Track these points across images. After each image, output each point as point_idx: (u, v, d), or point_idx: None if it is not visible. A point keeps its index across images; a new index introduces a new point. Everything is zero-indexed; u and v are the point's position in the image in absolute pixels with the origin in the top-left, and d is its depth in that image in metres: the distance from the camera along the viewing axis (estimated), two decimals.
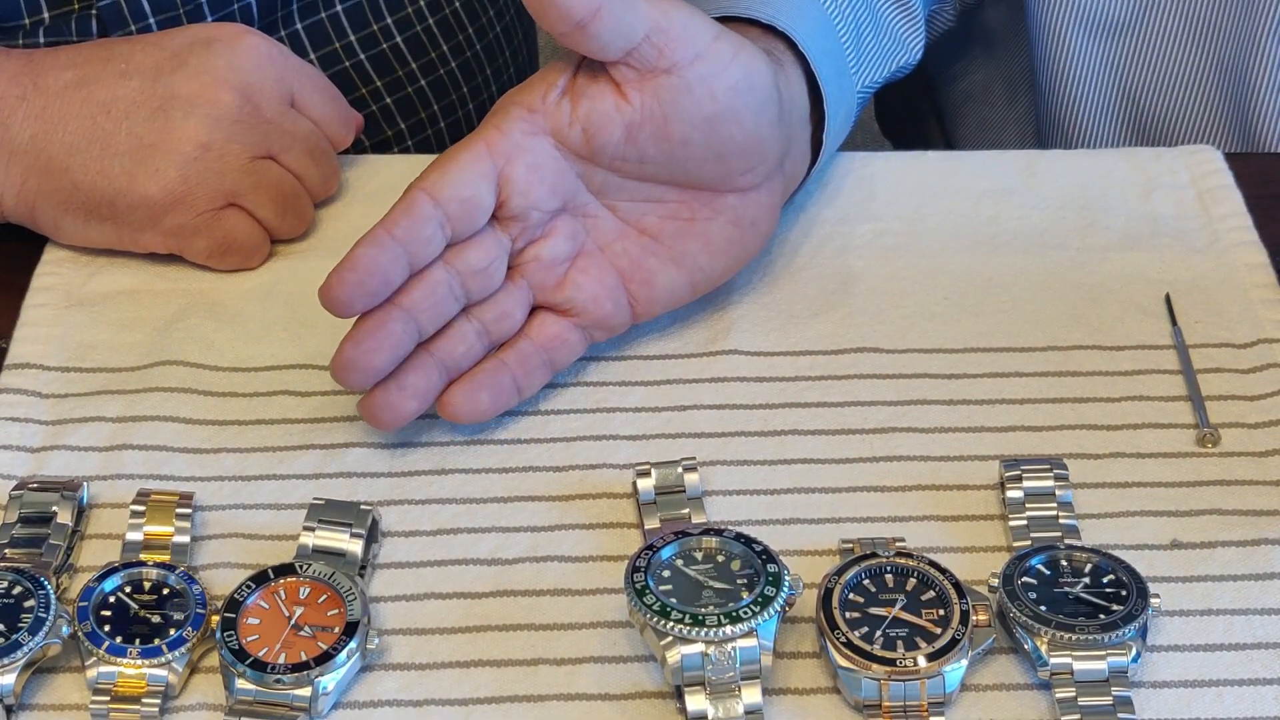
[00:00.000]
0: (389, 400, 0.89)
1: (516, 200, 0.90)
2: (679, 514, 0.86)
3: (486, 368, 0.91)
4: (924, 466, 0.90)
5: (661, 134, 0.90)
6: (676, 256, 0.94)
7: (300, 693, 0.79)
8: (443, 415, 0.90)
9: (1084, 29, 1.20)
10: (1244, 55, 1.16)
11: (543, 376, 0.93)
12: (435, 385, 0.90)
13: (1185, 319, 0.98)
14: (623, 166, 0.91)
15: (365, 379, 0.88)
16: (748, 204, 0.94)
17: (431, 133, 1.27)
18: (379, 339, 0.88)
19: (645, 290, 0.94)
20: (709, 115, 0.90)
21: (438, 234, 0.88)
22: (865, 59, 1.05)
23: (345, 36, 1.21)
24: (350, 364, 0.88)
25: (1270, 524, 0.87)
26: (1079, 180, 1.06)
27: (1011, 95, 1.30)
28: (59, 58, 1.00)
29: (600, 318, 0.93)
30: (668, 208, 0.93)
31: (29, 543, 0.84)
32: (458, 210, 0.88)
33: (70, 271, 1.01)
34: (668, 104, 0.90)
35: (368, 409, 0.89)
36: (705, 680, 0.78)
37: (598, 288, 0.93)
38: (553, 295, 0.92)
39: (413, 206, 0.87)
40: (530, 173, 0.90)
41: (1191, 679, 0.81)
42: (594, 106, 0.90)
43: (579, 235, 0.92)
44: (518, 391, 0.92)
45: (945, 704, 0.79)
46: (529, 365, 0.92)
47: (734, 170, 0.93)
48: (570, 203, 0.92)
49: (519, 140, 0.89)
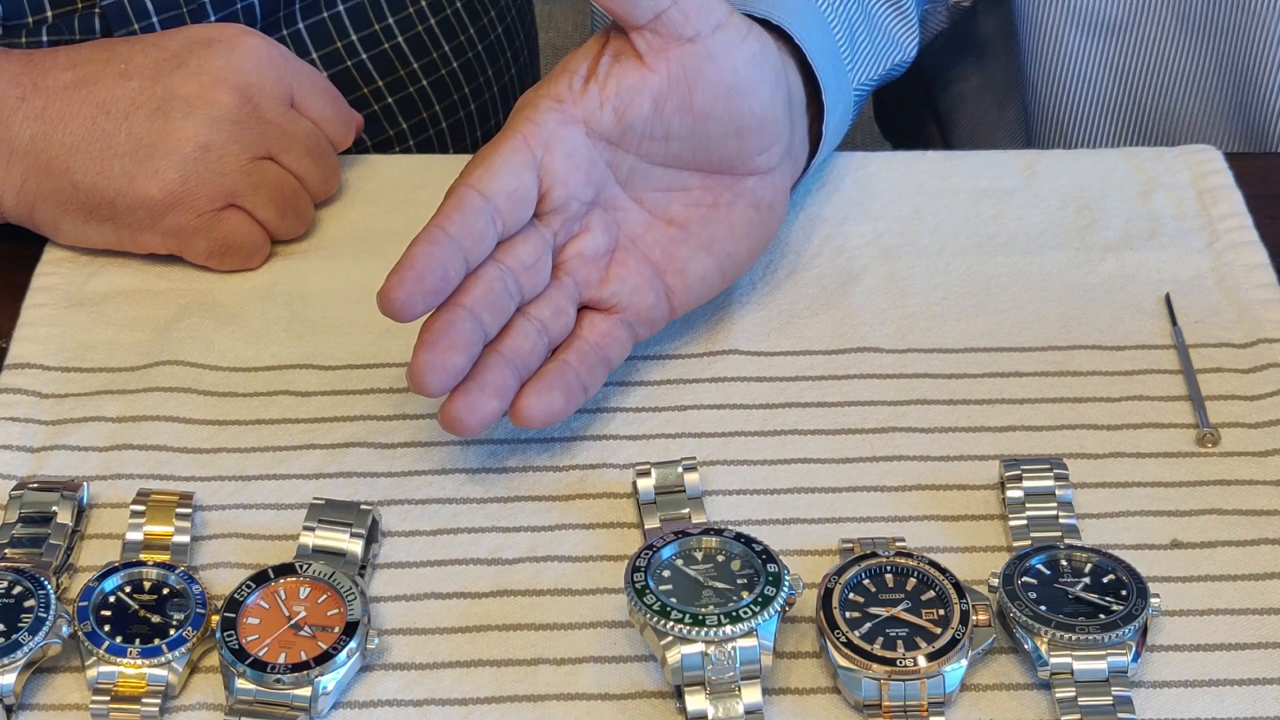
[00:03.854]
0: (470, 402, 0.86)
1: (558, 191, 0.90)
2: (679, 514, 0.86)
3: (552, 369, 0.89)
4: (924, 466, 0.90)
5: (686, 105, 0.91)
6: (705, 243, 0.94)
7: (300, 693, 0.79)
8: (516, 421, 0.88)
9: (1082, 28, 1.20)
10: (1245, 54, 1.16)
11: (603, 374, 0.91)
12: (510, 383, 0.87)
13: (1185, 319, 0.98)
14: (649, 147, 0.92)
15: (446, 381, 0.86)
16: (764, 187, 0.94)
17: (433, 133, 1.27)
18: (451, 338, 0.86)
19: (680, 280, 0.93)
20: (730, 86, 0.91)
21: (490, 229, 0.87)
22: (859, 56, 1.06)
23: (347, 36, 1.21)
24: (429, 367, 0.85)
25: (1270, 524, 0.87)
26: (1078, 180, 1.06)
27: (1002, 101, 1.31)
28: (59, 58, 1.00)
29: (644, 311, 0.93)
30: (691, 195, 0.94)
31: (29, 543, 0.84)
32: (506, 204, 0.88)
33: (70, 271, 1.01)
34: (691, 73, 0.90)
35: (449, 414, 0.86)
36: (705, 680, 0.78)
37: (638, 279, 0.92)
38: (597, 292, 0.92)
39: (464, 202, 0.87)
40: (568, 161, 0.90)
41: (1191, 679, 0.81)
42: (621, 83, 0.90)
43: (612, 229, 0.92)
44: (584, 389, 0.90)
45: (945, 704, 0.79)
46: (590, 362, 0.90)
47: (752, 149, 0.93)
48: (601, 195, 0.92)
49: (554, 130, 0.89)
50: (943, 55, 1.33)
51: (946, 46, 1.31)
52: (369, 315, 0.96)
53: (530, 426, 0.88)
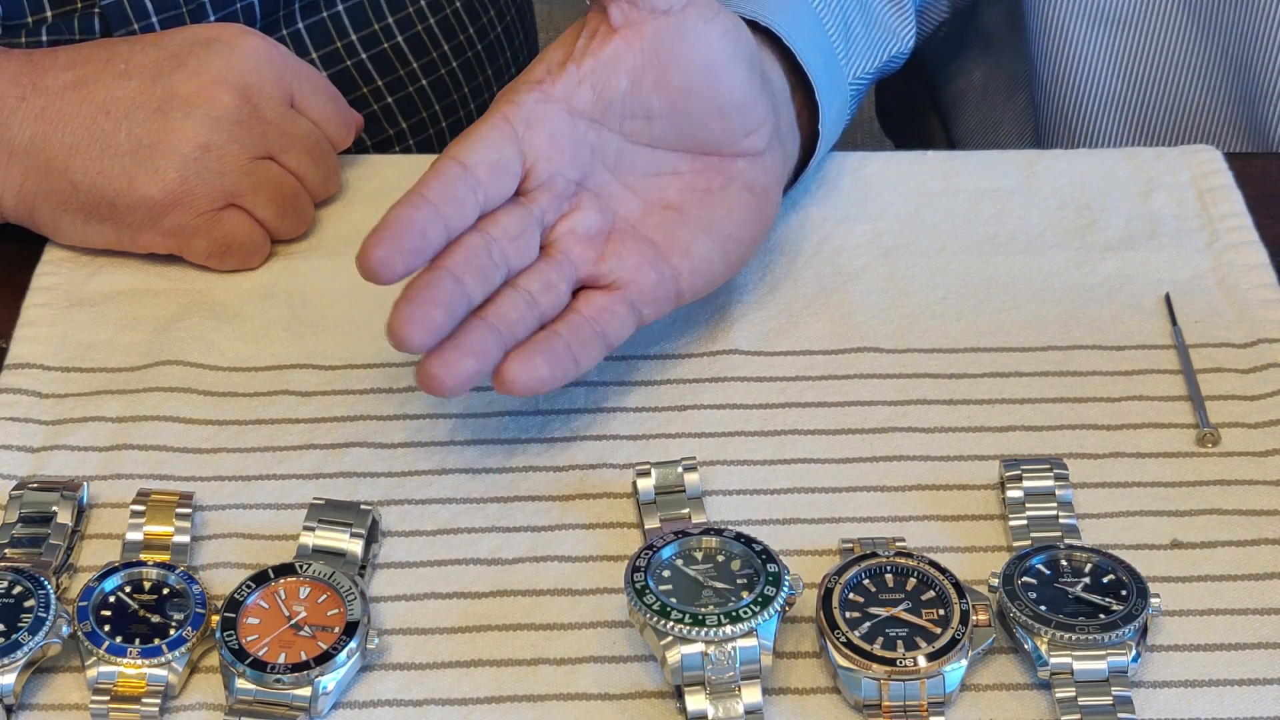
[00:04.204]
0: (447, 360, 0.85)
1: (542, 166, 0.90)
2: (679, 514, 0.86)
3: (540, 336, 0.88)
4: (924, 466, 0.90)
5: (663, 82, 0.91)
6: (705, 225, 0.94)
7: (300, 692, 0.79)
8: (499, 389, 0.87)
9: (1089, 22, 1.20)
10: (1250, 50, 1.16)
11: (598, 349, 0.90)
12: (492, 348, 0.86)
13: (1185, 319, 0.98)
14: (632, 126, 0.92)
15: (424, 336, 0.84)
16: (757, 170, 0.95)
17: (433, 132, 1.27)
18: (431, 294, 0.85)
19: (686, 261, 0.93)
20: (706, 62, 0.91)
21: (470, 197, 0.87)
22: (855, 49, 1.07)
23: (346, 36, 1.21)
24: (407, 319, 0.84)
25: (1270, 524, 0.87)
26: (1079, 180, 1.06)
27: (1010, 92, 1.31)
28: (59, 58, 1.00)
29: (646, 288, 0.92)
30: (683, 179, 0.94)
31: (29, 543, 0.84)
32: (487, 174, 0.88)
33: (70, 271, 1.01)
34: (665, 48, 0.91)
35: (425, 372, 0.85)
36: (705, 680, 0.78)
37: (638, 257, 0.92)
38: (595, 269, 0.91)
39: (442, 170, 0.87)
40: (550, 138, 0.90)
41: (1191, 679, 0.81)
42: (598, 60, 0.91)
43: (608, 212, 0.92)
44: (575, 361, 0.89)
45: (945, 704, 0.79)
46: (582, 335, 0.89)
47: (736, 130, 0.93)
48: (590, 179, 0.92)
49: (534, 109, 0.90)
50: (946, 49, 1.33)
51: (950, 41, 1.31)
52: (369, 315, 0.96)
53: (514, 393, 0.87)
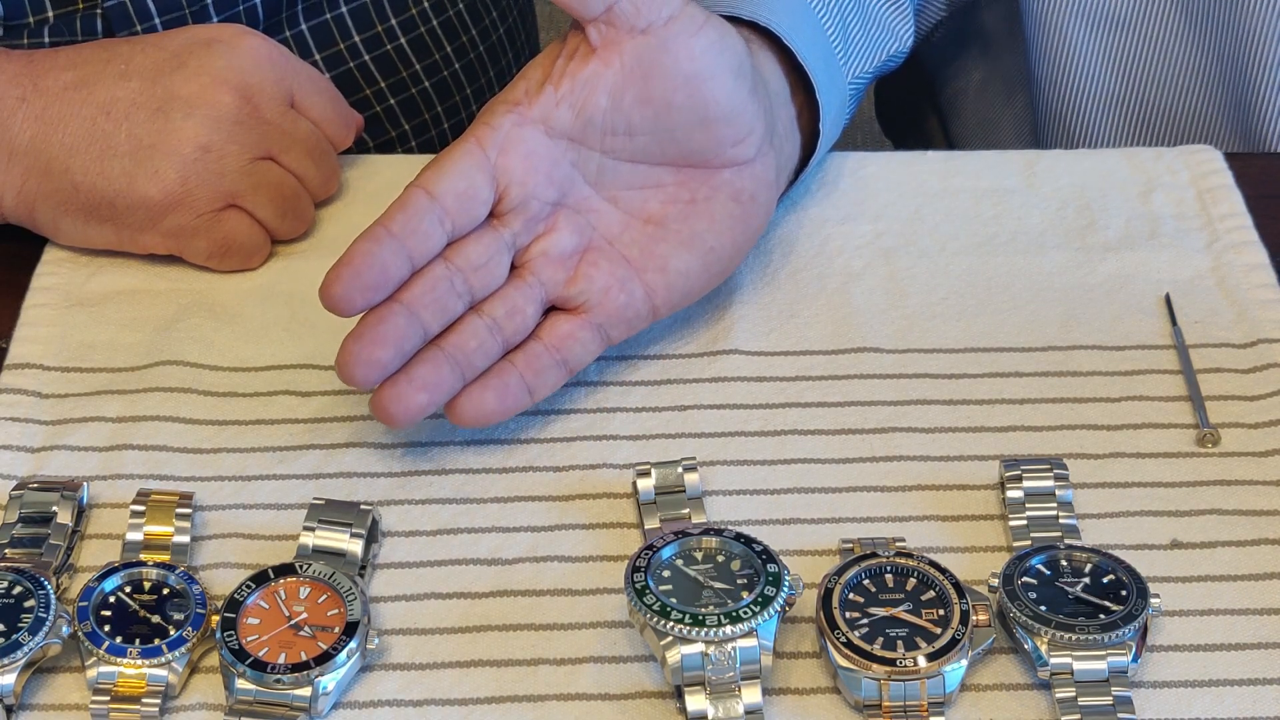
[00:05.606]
0: (398, 393, 0.87)
1: (515, 190, 0.90)
2: (679, 514, 0.86)
3: (493, 370, 0.90)
4: (924, 466, 0.90)
5: (644, 97, 0.91)
6: (685, 239, 0.94)
7: (300, 693, 0.79)
8: (451, 420, 0.89)
9: (1086, 23, 1.20)
10: (1244, 52, 1.16)
11: (556, 377, 0.92)
12: (446, 379, 0.88)
13: (1185, 319, 0.98)
14: (614, 143, 0.92)
15: (369, 374, 0.87)
16: (744, 178, 0.94)
17: (435, 134, 1.27)
18: (380, 332, 0.87)
19: (660, 278, 0.93)
20: (688, 75, 0.91)
21: (436, 228, 0.88)
22: (853, 49, 1.07)
23: (350, 37, 1.22)
24: (354, 358, 0.86)
25: (1270, 524, 0.87)
26: (1079, 180, 1.06)
27: (1009, 93, 1.31)
28: (59, 59, 1.00)
29: (614, 311, 0.92)
30: (666, 191, 0.93)
31: (29, 543, 0.84)
32: (454, 204, 0.88)
33: (70, 271, 1.01)
34: (646, 64, 0.90)
35: (377, 404, 0.88)
36: (705, 680, 0.78)
37: (608, 280, 0.92)
38: (564, 291, 0.92)
39: (409, 201, 0.88)
40: (525, 161, 0.90)
41: (1191, 679, 0.81)
42: (576, 79, 0.90)
43: (585, 230, 0.92)
44: (528, 392, 0.90)
45: (945, 704, 0.79)
46: (538, 365, 0.91)
47: (722, 140, 0.93)
48: (569, 196, 0.92)
49: (509, 131, 0.90)
50: (946, 50, 1.33)
51: (950, 41, 1.32)
52: None
53: (463, 425, 0.89)
